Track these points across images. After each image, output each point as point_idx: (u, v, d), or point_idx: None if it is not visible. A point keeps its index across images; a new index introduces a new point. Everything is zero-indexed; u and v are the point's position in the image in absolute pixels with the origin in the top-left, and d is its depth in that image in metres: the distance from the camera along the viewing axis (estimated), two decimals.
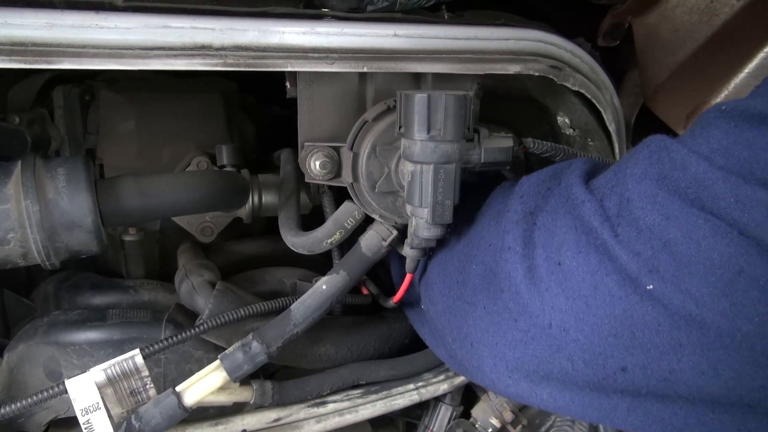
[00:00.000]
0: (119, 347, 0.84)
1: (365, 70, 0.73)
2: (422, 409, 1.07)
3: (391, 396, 0.94)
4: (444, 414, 1.04)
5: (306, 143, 0.81)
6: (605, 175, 0.62)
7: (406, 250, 0.80)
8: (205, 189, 0.82)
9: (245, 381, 0.83)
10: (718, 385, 0.52)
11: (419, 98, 0.66)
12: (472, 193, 0.84)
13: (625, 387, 0.57)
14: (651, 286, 0.52)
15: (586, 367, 0.58)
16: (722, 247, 0.49)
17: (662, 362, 0.54)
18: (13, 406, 0.70)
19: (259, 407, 0.87)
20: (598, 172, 0.66)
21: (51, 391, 0.71)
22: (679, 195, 0.52)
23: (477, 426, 1.04)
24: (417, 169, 0.69)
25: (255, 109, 1.30)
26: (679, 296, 0.51)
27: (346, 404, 0.91)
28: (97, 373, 0.72)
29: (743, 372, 0.50)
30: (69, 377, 0.72)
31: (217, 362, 0.77)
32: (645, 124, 1.04)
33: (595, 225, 0.58)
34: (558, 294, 0.60)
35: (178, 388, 0.75)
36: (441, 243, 0.82)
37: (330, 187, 0.91)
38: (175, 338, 0.77)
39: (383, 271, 1.06)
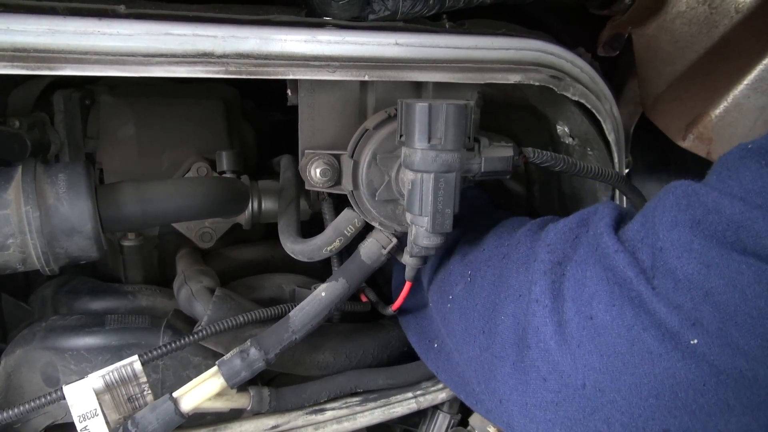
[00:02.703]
0: (117, 353, 0.83)
1: (366, 78, 0.73)
2: (420, 416, 1.07)
3: (389, 404, 0.94)
4: (442, 422, 1.04)
5: (307, 150, 0.81)
6: (632, 226, 0.59)
7: (406, 259, 0.80)
8: (206, 196, 0.82)
9: (242, 387, 0.83)
10: None
11: (420, 107, 0.66)
12: (487, 221, 0.82)
13: None
14: (695, 341, 0.49)
15: (624, 430, 0.55)
16: None
17: (708, 424, 0.50)
18: (10, 412, 0.70)
19: (256, 414, 0.87)
20: (625, 220, 0.63)
21: (49, 397, 0.71)
22: (716, 240, 0.49)
23: None
24: (417, 177, 0.69)
25: (255, 114, 1.30)
26: (726, 350, 0.48)
27: (344, 412, 0.91)
28: (95, 379, 0.72)
29: None
30: (66, 383, 0.72)
31: (214, 368, 0.77)
32: (644, 134, 1.04)
33: (630, 276, 0.54)
34: (591, 351, 0.56)
35: (175, 394, 0.74)
36: (462, 285, 0.79)
37: (330, 194, 0.92)
38: (173, 345, 0.77)
39: (382, 278, 1.06)
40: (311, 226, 1.02)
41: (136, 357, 0.74)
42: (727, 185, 0.50)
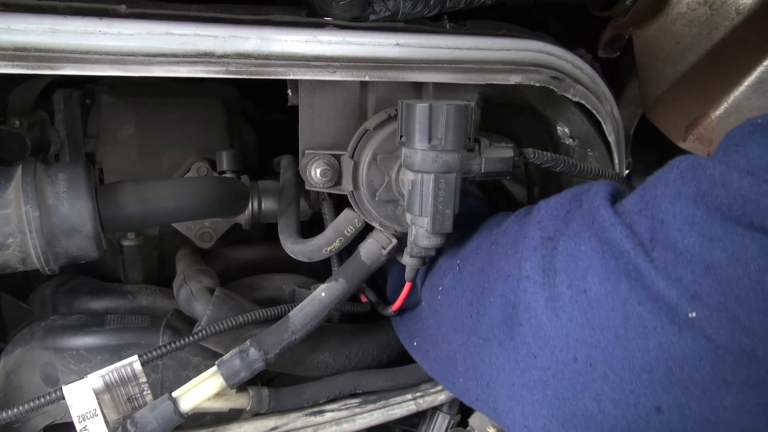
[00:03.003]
0: (117, 353, 0.83)
1: (367, 79, 0.73)
2: (419, 417, 1.07)
3: (388, 406, 0.94)
4: (441, 423, 1.04)
5: (307, 151, 0.81)
6: (631, 199, 0.58)
7: (406, 259, 0.80)
8: (206, 196, 0.82)
9: (242, 387, 0.83)
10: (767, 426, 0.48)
11: (421, 108, 0.66)
12: (481, 222, 0.82)
13: (659, 430, 0.52)
14: (693, 314, 0.48)
15: (615, 407, 0.53)
16: None
17: (703, 401, 0.49)
18: (9, 412, 0.70)
19: (255, 414, 0.87)
20: (621, 196, 0.62)
21: (48, 397, 0.71)
22: (721, 213, 0.48)
23: None
24: (417, 178, 0.69)
25: (255, 114, 1.30)
26: (726, 325, 0.46)
27: (343, 413, 0.91)
28: (95, 379, 0.72)
29: None
30: (66, 383, 0.72)
31: (214, 368, 0.77)
32: (644, 135, 1.04)
33: (627, 249, 0.53)
34: (583, 325, 0.54)
35: (174, 394, 0.74)
36: (450, 276, 0.80)
37: (330, 194, 0.91)
38: (173, 345, 0.77)
39: (382, 279, 1.05)
40: (311, 227, 1.02)
41: (135, 357, 0.74)
42: (734, 159, 0.49)
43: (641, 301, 0.51)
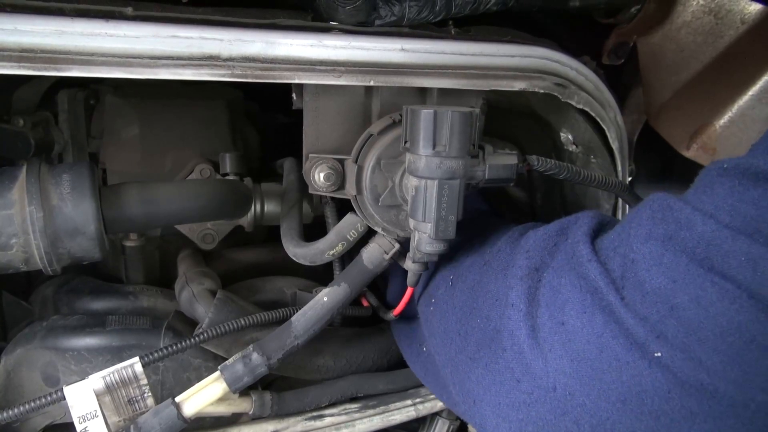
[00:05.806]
0: (118, 354, 0.84)
1: (372, 83, 0.73)
2: (419, 422, 1.07)
3: (388, 411, 0.94)
4: (441, 428, 1.04)
5: (311, 154, 0.81)
6: (609, 235, 0.61)
7: (408, 264, 0.80)
8: (209, 198, 0.82)
9: (244, 392, 0.83)
10: None
11: (425, 114, 0.66)
12: (478, 232, 0.83)
13: None
14: (659, 354, 0.50)
15: (593, 430, 0.56)
16: (732, 313, 0.46)
17: (672, 429, 0.52)
18: (10, 412, 0.70)
19: (257, 418, 0.87)
20: (606, 229, 0.64)
21: (49, 398, 0.71)
22: (686, 255, 0.50)
23: None
24: (421, 184, 0.69)
25: (258, 117, 1.30)
26: (689, 364, 0.49)
27: (343, 418, 0.91)
28: (96, 380, 0.72)
29: None
30: (67, 383, 0.72)
31: (217, 373, 0.77)
32: (648, 142, 1.04)
33: (601, 285, 0.56)
34: (562, 356, 0.57)
35: (177, 399, 0.74)
36: (443, 289, 0.81)
37: (333, 197, 0.91)
38: (174, 347, 0.77)
39: (383, 283, 1.06)
40: (313, 230, 1.02)
41: (137, 359, 0.74)
42: (701, 201, 0.51)
43: (615, 336, 0.53)
